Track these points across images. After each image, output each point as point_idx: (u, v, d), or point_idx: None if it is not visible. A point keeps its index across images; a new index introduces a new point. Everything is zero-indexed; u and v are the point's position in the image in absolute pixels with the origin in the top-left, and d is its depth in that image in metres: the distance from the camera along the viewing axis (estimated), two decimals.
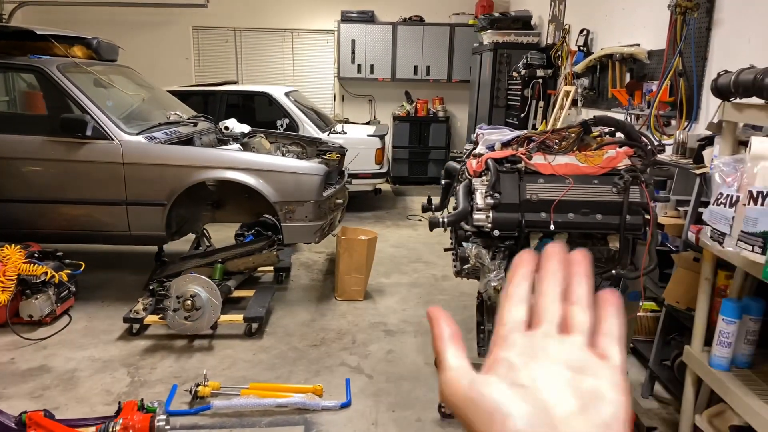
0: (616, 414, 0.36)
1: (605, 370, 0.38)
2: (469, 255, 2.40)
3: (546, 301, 0.41)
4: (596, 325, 0.40)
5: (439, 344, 0.41)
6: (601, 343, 0.39)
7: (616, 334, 0.40)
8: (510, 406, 0.36)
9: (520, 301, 0.42)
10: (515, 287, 0.43)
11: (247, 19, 8.61)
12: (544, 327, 0.40)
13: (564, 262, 0.43)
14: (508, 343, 0.40)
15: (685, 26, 3.46)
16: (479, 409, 0.36)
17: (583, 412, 0.36)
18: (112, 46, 4.64)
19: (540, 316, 0.41)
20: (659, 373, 2.90)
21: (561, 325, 0.40)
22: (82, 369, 3.17)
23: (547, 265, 0.43)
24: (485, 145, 2.62)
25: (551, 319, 0.40)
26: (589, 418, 0.35)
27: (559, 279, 0.42)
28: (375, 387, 3.05)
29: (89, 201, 3.83)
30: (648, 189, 2.29)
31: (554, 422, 0.35)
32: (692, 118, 3.48)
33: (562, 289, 0.42)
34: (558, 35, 6.19)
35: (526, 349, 0.39)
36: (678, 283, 2.66)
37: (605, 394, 0.36)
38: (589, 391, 0.36)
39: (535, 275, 0.43)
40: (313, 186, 3.84)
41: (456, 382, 0.38)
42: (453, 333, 0.41)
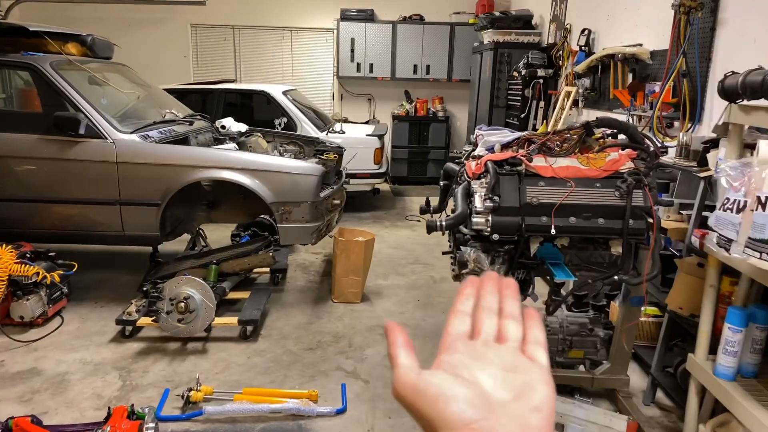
0: (546, 401, 0.42)
1: (534, 369, 0.44)
2: (467, 259, 2.34)
3: (484, 315, 0.48)
4: (524, 335, 0.47)
5: (393, 349, 0.46)
6: (529, 349, 0.46)
7: (541, 341, 0.47)
8: (453, 389, 0.41)
9: (464, 315, 0.49)
10: (461, 304, 0.50)
11: (246, 17, 8.54)
12: (482, 337, 0.46)
13: (498, 285, 0.51)
14: (452, 349, 0.46)
15: (689, 26, 3.40)
16: (426, 395, 0.41)
17: (517, 399, 0.41)
18: (107, 43, 4.57)
19: (479, 328, 0.47)
20: (661, 380, 2.84)
21: (496, 335, 0.47)
22: (72, 372, 3.11)
23: (485, 285, 0.51)
24: (485, 147, 2.55)
25: (488, 330, 0.47)
26: (522, 403, 0.41)
27: (496, 297, 0.50)
28: (371, 392, 2.99)
29: (82, 200, 3.77)
30: (651, 192, 2.23)
31: (492, 405, 0.41)
32: (696, 119, 3.42)
33: (497, 305, 0.49)
34: (559, 35, 6.13)
35: (468, 354, 0.45)
36: (681, 288, 2.60)
37: (536, 387, 0.43)
38: (521, 384, 0.42)
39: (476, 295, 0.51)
40: (310, 186, 3.77)
41: (405, 375, 0.44)
42: (405, 341, 0.47)
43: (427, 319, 3.89)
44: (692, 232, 2.67)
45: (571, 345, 2.95)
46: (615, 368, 2.83)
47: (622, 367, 2.83)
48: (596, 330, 2.95)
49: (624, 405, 2.74)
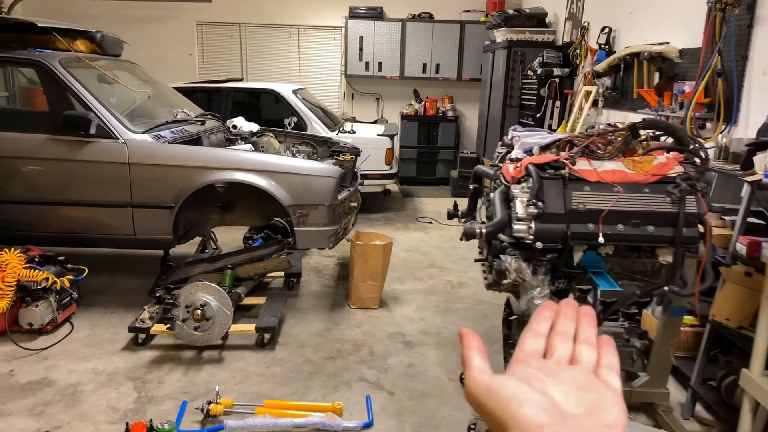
0: (619, 421, 0.41)
1: (607, 391, 0.44)
2: (507, 269, 2.22)
3: (560, 338, 0.49)
4: (597, 360, 0.47)
5: (468, 351, 0.47)
6: (602, 373, 0.46)
7: (615, 367, 0.47)
8: (526, 394, 0.41)
9: (540, 336, 0.49)
10: (537, 324, 0.51)
11: (253, 15, 8.41)
12: (555, 357, 0.47)
13: (576, 312, 0.52)
14: (524, 363, 0.46)
15: (725, 24, 3.27)
16: (499, 396, 0.42)
17: (589, 415, 0.41)
18: (117, 40, 4.44)
19: (553, 349, 0.48)
20: (703, 393, 2.72)
21: (570, 358, 0.47)
22: (85, 382, 2.98)
23: (564, 311, 0.52)
24: (522, 149, 2.43)
25: (562, 352, 0.47)
26: (594, 419, 0.41)
27: (573, 323, 0.50)
28: (397, 405, 2.87)
29: (92, 203, 3.64)
30: (705, 199, 2.11)
31: (564, 414, 0.40)
32: (732, 120, 3.30)
33: (573, 332, 0.50)
34: (575, 33, 6.00)
35: (540, 370, 0.45)
36: (727, 299, 2.48)
37: (608, 407, 0.42)
38: (594, 403, 0.42)
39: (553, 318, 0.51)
40: (328, 189, 3.65)
41: (479, 376, 0.44)
42: (480, 346, 0.48)
43: (448, 326, 3.76)
44: (737, 239, 2.55)
45: None
46: (654, 381, 2.71)
47: (662, 380, 2.71)
48: (632, 340, 2.82)
49: (665, 420, 2.62)
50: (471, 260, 5.08)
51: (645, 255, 2.32)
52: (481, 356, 0.47)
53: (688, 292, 2.15)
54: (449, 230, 6.09)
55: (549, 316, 0.51)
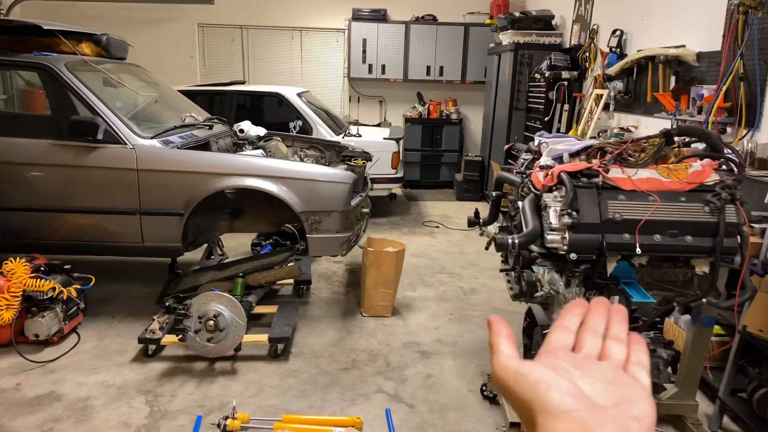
0: (647, 415, 0.41)
1: (636, 386, 0.43)
2: (540, 281, 2.15)
3: (590, 334, 0.48)
4: (627, 357, 0.47)
5: (496, 337, 0.48)
6: (632, 369, 0.46)
7: (645, 364, 0.46)
8: (554, 379, 0.42)
9: (568, 331, 0.49)
10: (567, 320, 0.50)
11: (255, 17, 8.32)
12: (584, 352, 0.47)
13: (608, 310, 0.51)
14: (552, 354, 0.46)
15: (747, 27, 3.21)
16: (527, 380, 0.43)
17: (617, 406, 0.41)
18: (122, 42, 4.35)
19: (582, 344, 0.48)
20: (732, 405, 2.65)
21: (599, 354, 0.47)
22: (95, 396, 2.89)
23: (595, 308, 0.51)
24: (551, 156, 2.36)
25: (591, 348, 0.47)
26: (622, 411, 0.40)
27: (603, 320, 0.50)
28: (418, 418, 2.79)
29: (99, 210, 3.55)
30: (744, 208, 2.05)
31: (592, 403, 0.40)
32: (755, 125, 3.24)
33: (603, 329, 0.49)
34: (584, 36, 5.95)
35: (569, 362, 0.45)
36: (761, 309, 2.41)
37: (637, 401, 0.42)
38: (622, 396, 0.42)
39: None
40: (342, 195, 3.57)
41: (507, 361, 0.45)
42: (509, 333, 0.48)
43: (464, 335, 3.69)
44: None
45: None
46: (682, 393, 2.64)
47: (691, 391, 2.65)
48: (658, 350, 2.76)
49: None
50: (481, 266, 5.02)
51: (678, 265, 2.26)
52: (509, 342, 0.47)
53: (728, 304, 2.08)
54: (456, 235, 6.03)
55: (579, 312, 0.51)
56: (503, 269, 2.58)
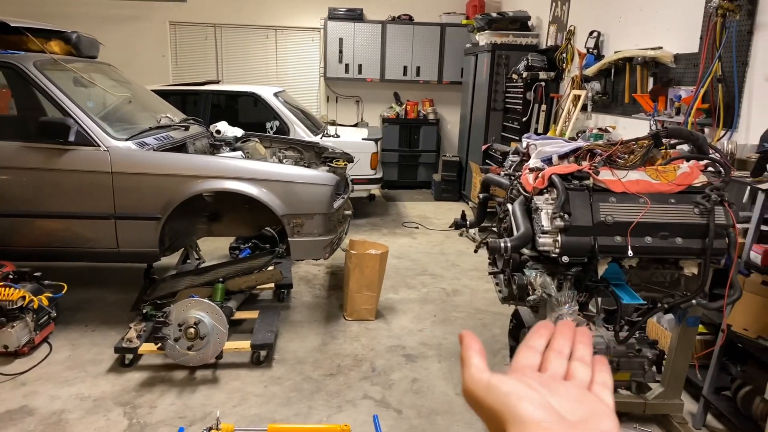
0: (613, 430, 0.42)
1: (601, 405, 0.44)
2: (532, 284, 2.13)
3: (555, 355, 0.49)
4: (591, 377, 0.48)
5: (467, 351, 0.48)
6: (596, 389, 0.47)
7: (608, 385, 0.48)
8: (525, 391, 0.43)
9: (536, 351, 0.50)
10: (534, 341, 0.51)
11: (228, 15, 8.17)
12: (550, 372, 0.48)
13: (573, 333, 0.52)
14: (520, 373, 0.47)
15: (725, 30, 3.26)
16: (498, 391, 0.43)
17: (584, 422, 0.42)
18: (93, 41, 4.20)
19: (548, 364, 0.49)
20: (716, 403, 2.68)
21: (564, 374, 0.48)
22: (70, 410, 2.77)
23: (561, 330, 0.53)
24: (540, 158, 2.34)
25: (557, 368, 0.48)
26: (589, 425, 0.41)
27: (569, 342, 0.51)
28: (407, 424, 2.75)
29: (71, 215, 3.41)
30: (732, 209, 2.06)
31: (561, 417, 0.41)
32: (733, 126, 3.29)
33: (569, 350, 0.50)
34: (560, 37, 6.00)
35: (536, 381, 0.45)
36: (745, 308, 2.44)
37: (602, 418, 0.43)
38: (588, 413, 0.43)
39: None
40: (324, 197, 3.51)
41: (478, 374, 0.45)
42: (480, 348, 0.48)
43: (448, 338, 3.66)
44: (751, 247, 2.52)
45: (617, 367, 2.76)
46: (668, 392, 2.66)
47: (676, 391, 2.67)
48: (644, 350, 2.78)
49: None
50: (462, 267, 5.02)
51: (666, 266, 2.27)
52: (480, 357, 0.47)
53: (717, 305, 2.10)
54: (436, 235, 6.01)
55: (545, 334, 0.52)
56: (492, 272, 2.56)
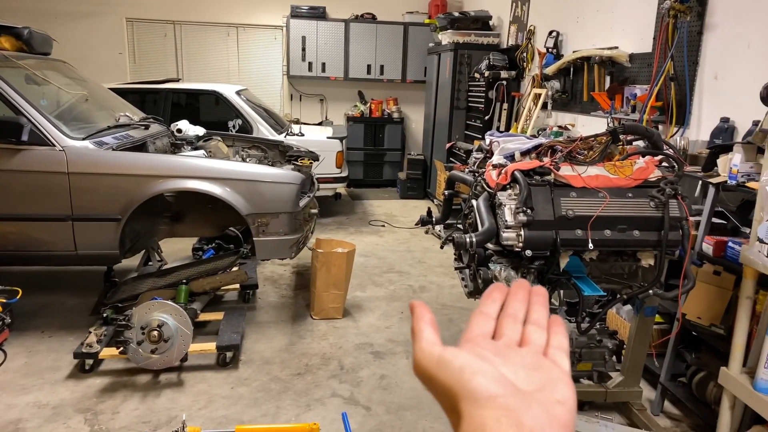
0: (569, 397, 0.41)
1: (556, 370, 0.43)
2: (497, 278, 2.17)
3: (509, 320, 0.48)
4: (547, 341, 0.46)
5: (419, 323, 0.46)
6: (551, 353, 0.45)
7: (564, 347, 0.46)
8: (479, 365, 0.41)
9: (488, 318, 0.48)
10: (486, 307, 0.49)
11: (188, 12, 8.01)
12: (505, 339, 0.46)
13: (528, 293, 0.50)
14: (473, 343, 0.45)
15: (677, 30, 3.39)
16: (452, 365, 0.41)
17: (540, 391, 0.40)
18: (46, 37, 4.06)
19: (503, 331, 0.47)
20: (673, 389, 2.79)
21: (519, 340, 0.46)
22: (27, 418, 2.67)
23: (515, 292, 0.50)
24: (503, 155, 2.39)
25: (512, 334, 0.46)
26: (545, 395, 0.40)
27: (523, 305, 0.49)
28: (376, 420, 2.76)
29: (25, 217, 3.29)
30: (685, 202, 2.15)
31: (517, 389, 0.40)
32: (685, 123, 3.42)
33: (523, 314, 0.48)
34: (521, 36, 6.11)
35: (489, 350, 0.44)
36: (698, 298, 2.55)
37: (558, 384, 0.42)
38: (543, 381, 0.41)
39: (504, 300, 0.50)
40: (289, 196, 3.49)
41: (429, 347, 0.43)
42: (432, 319, 0.46)
43: None
44: (703, 239, 2.63)
45: (580, 357, 2.84)
46: (628, 380, 2.76)
47: (635, 379, 2.76)
48: (604, 341, 2.86)
49: (640, 418, 2.67)
50: (428, 263, 5.06)
51: (625, 258, 2.34)
52: (432, 328, 0.45)
53: (672, 294, 2.18)
54: (402, 233, 6.05)
55: (498, 297, 0.50)
56: (458, 267, 2.59)
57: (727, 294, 2.49)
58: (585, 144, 2.29)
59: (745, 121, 2.93)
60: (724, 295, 2.50)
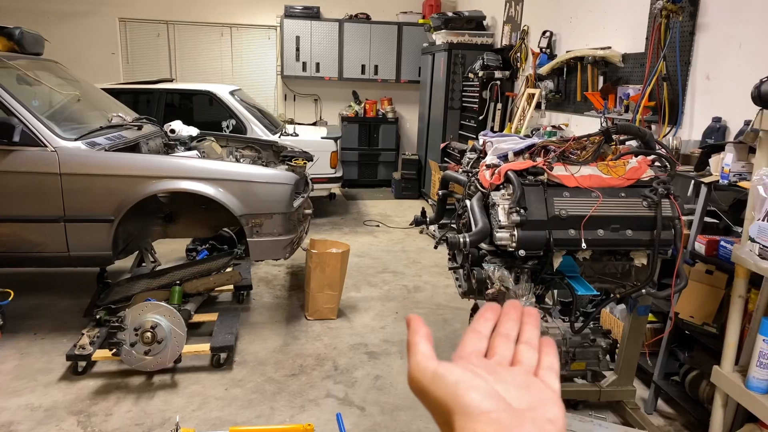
0: (559, 417, 0.42)
1: (547, 391, 0.44)
2: (490, 278, 2.17)
3: (502, 339, 0.48)
4: (538, 361, 0.47)
5: (414, 336, 0.47)
6: (542, 374, 0.46)
7: (555, 368, 0.47)
8: (473, 380, 0.42)
9: (481, 336, 0.49)
10: (480, 325, 0.50)
11: (182, 12, 7.98)
12: (497, 358, 0.47)
13: (520, 314, 0.51)
14: (466, 360, 0.46)
15: (669, 31, 3.40)
16: (446, 380, 0.42)
17: (531, 409, 0.41)
18: (38, 37, 4.03)
19: (495, 350, 0.48)
20: (666, 388, 2.80)
21: (511, 360, 0.47)
22: (19, 421, 2.66)
23: (507, 312, 0.51)
24: (496, 155, 2.39)
25: (504, 353, 0.47)
26: (537, 414, 0.41)
27: (516, 324, 0.50)
28: (370, 421, 2.76)
29: (17, 218, 3.27)
30: (678, 202, 2.16)
31: (509, 406, 0.41)
32: (677, 123, 3.44)
33: (515, 333, 0.49)
34: (514, 36, 6.12)
35: (482, 368, 0.44)
36: (691, 297, 2.56)
37: (548, 404, 0.42)
38: (534, 400, 0.42)
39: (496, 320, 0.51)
40: (283, 196, 3.48)
41: (425, 362, 0.44)
42: (427, 333, 0.47)
43: None
44: (695, 238, 2.64)
45: (573, 357, 2.85)
46: (621, 379, 2.77)
47: (629, 378, 2.77)
48: (598, 340, 2.87)
49: (634, 417, 2.67)
50: (423, 263, 5.06)
51: (618, 258, 2.35)
52: (427, 342, 0.46)
53: (665, 293, 2.19)
54: (397, 233, 6.05)
55: (491, 317, 0.51)
56: (452, 267, 2.60)
57: (719, 293, 2.51)
58: (578, 144, 2.30)
59: (736, 120, 2.94)
60: (717, 294, 2.51)
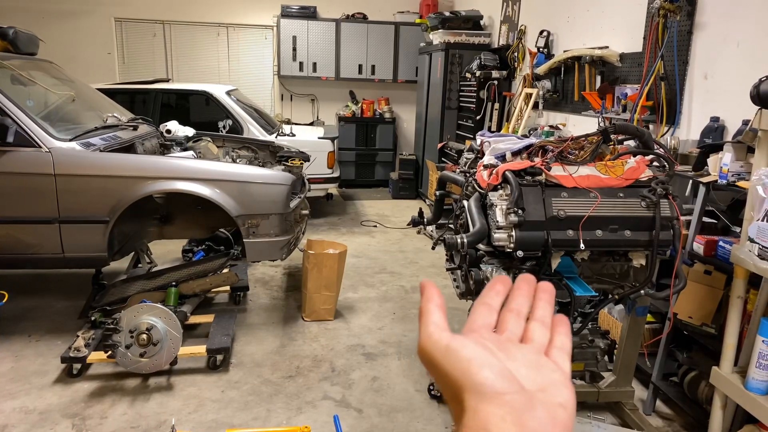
0: (570, 401, 0.40)
1: (558, 372, 0.42)
2: (489, 279, 2.15)
3: (512, 315, 0.46)
4: (550, 340, 0.45)
5: (427, 304, 0.44)
6: (553, 353, 0.44)
7: (567, 348, 0.45)
8: (486, 359, 0.40)
9: (491, 309, 0.47)
10: (490, 298, 0.48)
11: (177, 12, 7.95)
12: (507, 334, 0.45)
13: (533, 289, 0.49)
14: (477, 333, 0.44)
15: (667, 30, 3.39)
16: (459, 355, 0.40)
17: (542, 391, 0.39)
18: (32, 37, 4.00)
19: (505, 325, 0.46)
20: (665, 389, 2.79)
21: (521, 336, 0.45)
22: (13, 424, 2.63)
23: (519, 286, 0.49)
24: (494, 155, 2.37)
25: (514, 329, 0.45)
26: (547, 396, 0.39)
27: (528, 300, 0.48)
28: (367, 423, 2.74)
29: (10, 219, 3.24)
30: (676, 202, 2.14)
31: (522, 387, 0.39)
32: (675, 122, 3.43)
33: (527, 309, 0.47)
34: (512, 36, 6.11)
35: (492, 342, 0.42)
36: (689, 297, 2.55)
37: (559, 387, 0.41)
38: (545, 381, 0.41)
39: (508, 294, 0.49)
40: (280, 197, 3.46)
41: (437, 333, 0.42)
42: (441, 302, 0.45)
43: (408, 335, 3.68)
44: (694, 238, 2.63)
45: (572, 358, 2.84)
46: (620, 380, 2.75)
47: (627, 378, 2.76)
48: (596, 340, 2.86)
49: (632, 418, 2.66)
50: (421, 264, 5.05)
51: (616, 258, 2.34)
52: (440, 312, 0.44)
53: (663, 294, 2.18)
54: (394, 233, 6.03)
55: (502, 290, 0.49)
56: (449, 268, 2.58)
57: (718, 293, 2.50)
58: (576, 144, 2.28)
59: (735, 120, 2.93)
60: (715, 295, 2.50)
